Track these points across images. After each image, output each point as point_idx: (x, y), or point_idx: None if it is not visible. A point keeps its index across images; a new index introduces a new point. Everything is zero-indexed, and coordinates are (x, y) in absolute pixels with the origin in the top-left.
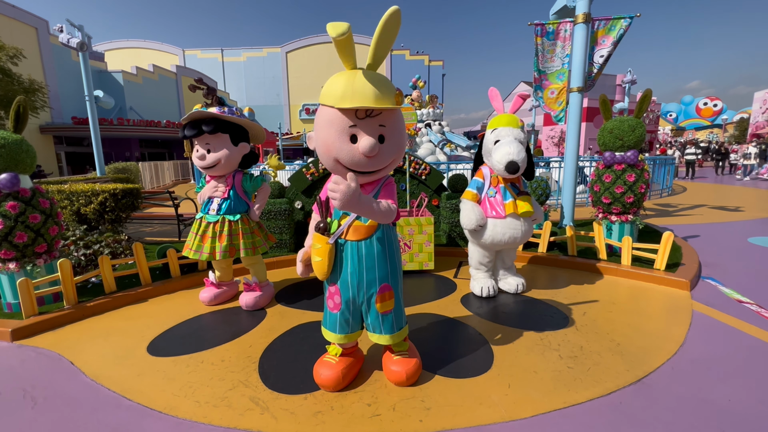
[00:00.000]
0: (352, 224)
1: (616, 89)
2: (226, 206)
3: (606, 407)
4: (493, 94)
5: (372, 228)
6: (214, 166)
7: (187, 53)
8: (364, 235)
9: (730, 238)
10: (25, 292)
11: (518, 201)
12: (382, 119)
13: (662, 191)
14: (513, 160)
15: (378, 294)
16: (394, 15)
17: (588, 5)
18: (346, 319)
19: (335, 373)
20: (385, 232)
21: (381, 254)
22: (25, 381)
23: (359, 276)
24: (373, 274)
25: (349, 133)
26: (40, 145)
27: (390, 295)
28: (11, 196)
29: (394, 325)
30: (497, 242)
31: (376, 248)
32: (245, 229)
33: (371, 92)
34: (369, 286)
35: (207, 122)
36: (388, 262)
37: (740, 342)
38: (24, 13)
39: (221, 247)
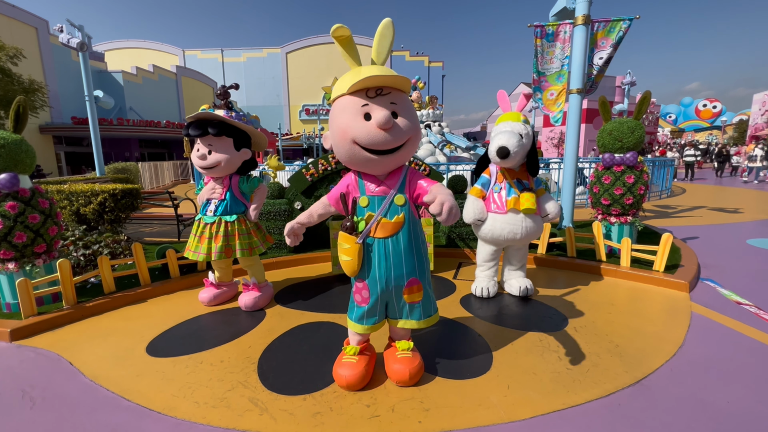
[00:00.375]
0: (379, 222)
1: (615, 91)
2: (222, 207)
3: (605, 409)
4: (500, 97)
5: (399, 224)
6: (213, 167)
7: (187, 53)
8: (391, 232)
9: (729, 239)
10: (24, 292)
11: (521, 197)
12: (393, 97)
13: (661, 193)
14: (502, 145)
15: (406, 287)
16: (386, 26)
17: (588, 7)
18: (374, 311)
19: (358, 372)
20: (411, 227)
21: (408, 250)
22: (24, 381)
23: (387, 272)
24: (400, 269)
25: (363, 112)
26: (40, 145)
27: (418, 288)
28: (11, 196)
29: (422, 314)
30: (497, 237)
31: (403, 244)
32: (241, 230)
33: (378, 70)
34: (397, 281)
35: (213, 124)
36: (415, 257)
37: (739, 344)
38: (24, 12)
39: (217, 247)
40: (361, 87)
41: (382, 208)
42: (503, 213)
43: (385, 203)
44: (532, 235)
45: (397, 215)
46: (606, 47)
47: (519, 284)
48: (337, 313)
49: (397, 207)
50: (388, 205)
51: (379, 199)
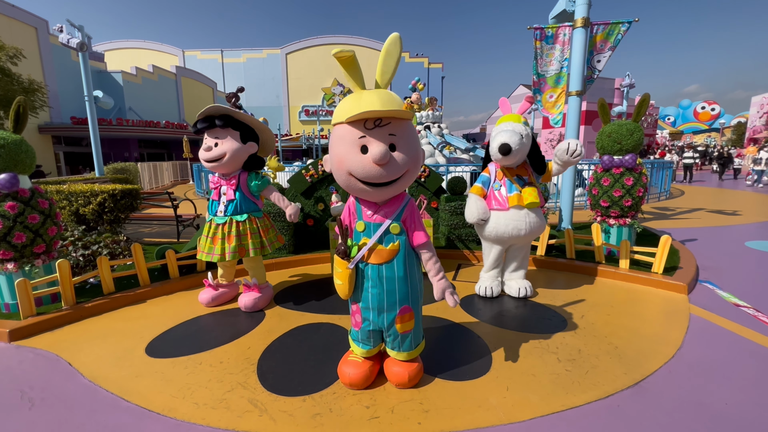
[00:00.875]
0: (375, 248)
1: (614, 93)
2: (232, 207)
3: (604, 410)
4: (502, 103)
5: (393, 252)
6: (218, 159)
7: (186, 54)
8: (386, 259)
9: (727, 242)
10: (23, 292)
11: (523, 192)
12: (392, 128)
13: (660, 195)
14: (504, 141)
15: (399, 315)
16: (393, 42)
17: (587, 10)
18: (368, 336)
19: (363, 371)
20: (406, 254)
21: (402, 277)
22: (23, 382)
23: (380, 298)
24: (393, 297)
25: (359, 144)
26: (39, 144)
27: (410, 316)
28: (10, 196)
29: (412, 344)
30: (501, 234)
31: (397, 271)
32: (253, 229)
33: (378, 101)
34: (390, 309)
35: (219, 116)
36: (409, 284)
37: (737, 346)
38: (24, 12)
39: (230, 248)
40: (358, 119)
41: (376, 235)
42: (505, 210)
43: (380, 231)
44: (537, 231)
45: (393, 243)
46: (604, 50)
47: (518, 286)
48: (336, 314)
49: (393, 235)
50: (383, 232)
51: (375, 225)
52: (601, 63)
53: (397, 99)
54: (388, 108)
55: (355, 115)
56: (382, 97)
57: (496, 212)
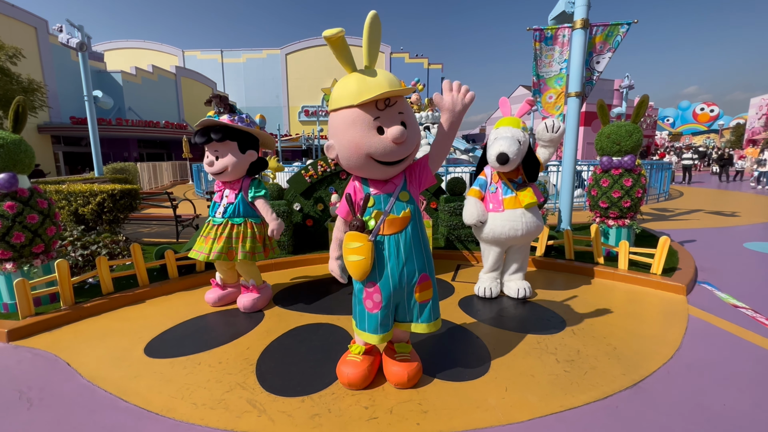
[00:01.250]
0: (387, 218)
1: (613, 94)
2: (231, 210)
3: (602, 411)
4: (502, 103)
5: (406, 219)
6: (221, 172)
7: (186, 54)
8: (400, 228)
9: (726, 243)
10: (21, 292)
11: (519, 194)
12: (399, 107)
13: (659, 196)
14: (502, 151)
15: (418, 284)
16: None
17: (586, 11)
18: (386, 318)
19: (361, 371)
20: (417, 221)
21: (417, 244)
22: (21, 382)
23: (399, 269)
24: (412, 265)
25: (375, 126)
26: (38, 144)
27: (429, 284)
28: (9, 196)
29: (431, 314)
30: (498, 236)
31: (413, 239)
32: (246, 233)
33: (386, 82)
34: (410, 278)
35: (216, 130)
36: (424, 252)
37: (736, 347)
38: (23, 12)
39: (217, 248)
40: (376, 99)
41: (389, 204)
42: (501, 211)
43: (391, 200)
44: (534, 231)
45: (404, 210)
46: (603, 51)
47: (517, 287)
48: (335, 314)
49: (403, 203)
50: (394, 201)
51: (384, 196)
52: (600, 64)
53: (396, 78)
54: (396, 87)
55: (371, 98)
56: (388, 77)
57: (493, 214)
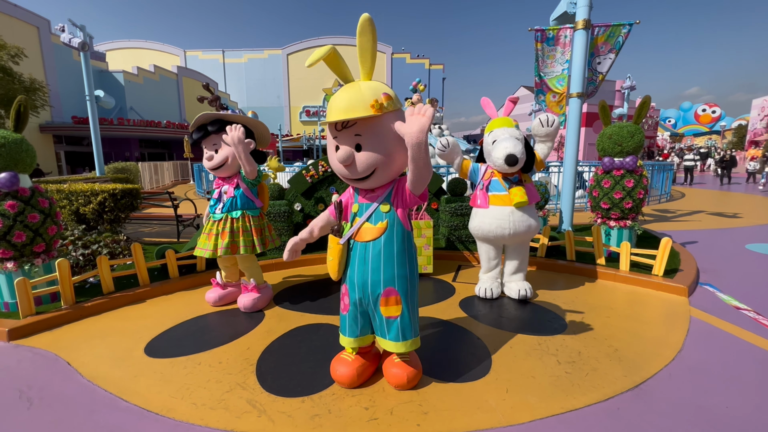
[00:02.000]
0: (363, 226)
1: (615, 95)
2: (229, 203)
3: (603, 413)
4: (485, 103)
5: (381, 230)
6: (221, 165)
7: (188, 54)
8: (373, 237)
9: (728, 244)
10: (22, 291)
11: (511, 192)
12: (358, 129)
13: (661, 197)
14: (511, 152)
15: (382, 297)
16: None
17: (588, 12)
18: (355, 321)
19: (351, 370)
20: (394, 234)
21: (388, 256)
22: (21, 381)
23: (364, 276)
24: (378, 275)
25: (334, 145)
26: (40, 144)
27: (396, 300)
28: (10, 195)
29: (399, 334)
30: (486, 233)
31: (384, 250)
32: (245, 227)
33: (343, 105)
34: (374, 288)
35: (212, 122)
36: (396, 266)
37: (738, 349)
38: (26, 12)
39: (223, 244)
40: (326, 123)
41: (367, 213)
42: (485, 208)
43: (370, 209)
44: (523, 232)
45: (381, 221)
46: (605, 52)
47: (518, 287)
48: (336, 314)
49: (382, 213)
50: (372, 211)
51: (366, 206)
52: (602, 65)
53: (366, 96)
54: (351, 111)
55: (324, 122)
56: (350, 98)
57: (481, 210)
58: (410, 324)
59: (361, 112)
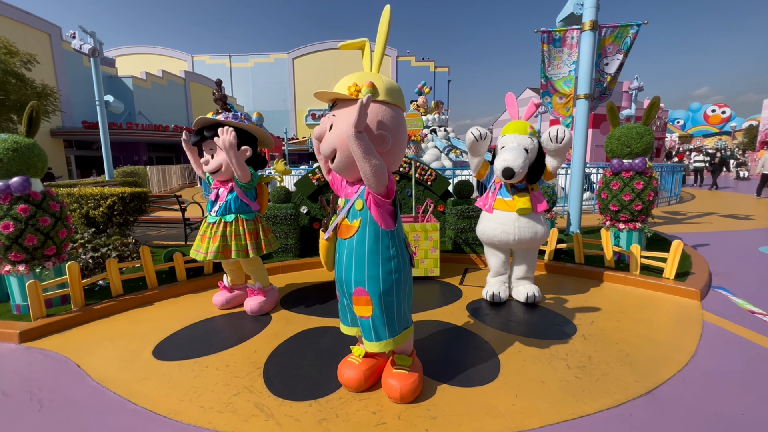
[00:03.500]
0: (341, 222)
1: (623, 96)
2: (222, 208)
3: (615, 419)
4: (509, 101)
5: (353, 228)
6: (217, 170)
7: (195, 59)
8: (349, 234)
9: (740, 247)
10: (33, 294)
11: (514, 198)
12: (335, 110)
13: (670, 199)
14: (507, 166)
15: (354, 295)
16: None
17: (595, 13)
18: (343, 310)
19: (358, 373)
20: (366, 233)
21: (359, 255)
22: (32, 383)
23: (340, 274)
24: (350, 274)
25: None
26: (51, 148)
27: (366, 301)
28: (22, 199)
29: (372, 334)
30: (490, 238)
31: (356, 249)
32: (238, 231)
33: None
34: (347, 286)
35: (209, 127)
36: (366, 266)
37: (753, 354)
38: (38, 19)
39: (213, 247)
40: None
41: (344, 209)
42: (490, 212)
43: (348, 205)
44: (528, 239)
45: (355, 219)
46: (613, 53)
47: (526, 291)
48: None
49: (356, 211)
50: (349, 207)
51: (347, 201)
52: (609, 66)
53: (351, 80)
54: (335, 90)
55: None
56: (341, 80)
57: (487, 214)
58: (384, 325)
59: (336, 91)
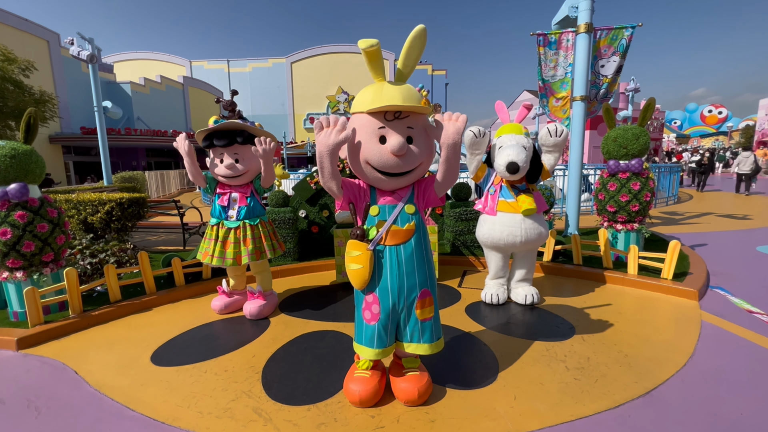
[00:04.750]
0: (390, 229)
1: (619, 97)
2: (245, 212)
3: (614, 420)
4: (498, 107)
5: (410, 232)
6: (241, 175)
7: (194, 64)
8: (403, 239)
9: (738, 247)
10: (31, 301)
11: (518, 199)
12: (410, 122)
13: (668, 199)
14: (512, 160)
15: (419, 299)
16: (419, 33)
17: (590, 15)
18: (385, 330)
19: (371, 387)
20: (421, 235)
21: (420, 258)
22: (30, 390)
23: (400, 281)
24: (413, 279)
25: (379, 135)
26: (49, 154)
27: (430, 301)
28: (20, 205)
29: (433, 334)
30: (496, 241)
31: (416, 252)
32: (265, 232)
33: (399, 95)
34: (410, 292)
35: (239, 133)
36: (426, 267)
37: (751, 353)
38: (36, 26)
39: (248, 250)
40: (382, 110)
41: (393, 215)
42: (493, 215)
43: (396, 211)
44: (534, 240)
45: (408, 223)
46: (608, 55)
47: (525, 293)
48: (341, 321)
49: (408, 215)
50: (398, 212)
51: (389, 207)
52: (605, 68)
53: (417, 94)
54: (409, 102)
55: (377, 108)
56: (404, 91)
57: (490, 217)
58: (439, 323)
59: (418, 104)
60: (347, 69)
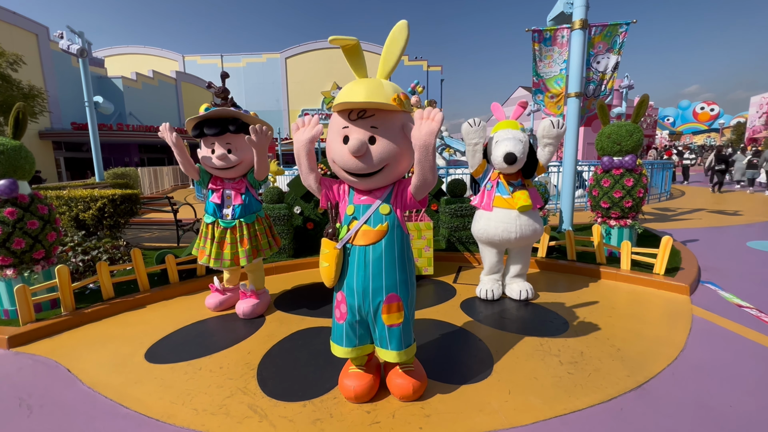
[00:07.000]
0: (360, 229)
1: (613, 94)
2: (240, 210)
3: (607, 413)
4: (494, 108)
5: (381, 233)
6: (235, 166)
7: (186, 59)
8: (373, 240)
9: (729, 242)
10: (22, 299)
11: (514, 195)
12: (375, 121)
13: (661, 195)
14: (510, 151)
15: (384, 304)
16: (401, 27)
17: (585, 12)
18: (352, 329)
19: (366, 382)
20: (395, 237)
21: (390, 261)
22: (21, 389)
23: (365, 283)
24: (379, 281)
25: (342, 134)
26: (40, 150)
27: (399, 306)
28: (9, 202)
29: (402, 342)
30: (491, 236)
31: (386, 254)
32: (261, 230)
33: (363, 92)
34: (375, 294)
35: (231, 121)
36: (398, 271)
37: (741, 347)
38: (24, 19)
39: (245, 251)
40: (341, 109)
41: (366, 215)
42: (490, 210)
43: (369, 211)
44: (529, 236)
45: (381, 224)
46: (603, 51)
47: (519, 288)
48: None
49: (381, 215)
50: (371, 213)
51: (364, 207)
52: (600, 64)
53: (387, 90)
54: (372, 99)
55: (336, 105)
56: (369, 87)
57: (486, 213)
58: (410, 329)
59: (384, 101)
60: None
